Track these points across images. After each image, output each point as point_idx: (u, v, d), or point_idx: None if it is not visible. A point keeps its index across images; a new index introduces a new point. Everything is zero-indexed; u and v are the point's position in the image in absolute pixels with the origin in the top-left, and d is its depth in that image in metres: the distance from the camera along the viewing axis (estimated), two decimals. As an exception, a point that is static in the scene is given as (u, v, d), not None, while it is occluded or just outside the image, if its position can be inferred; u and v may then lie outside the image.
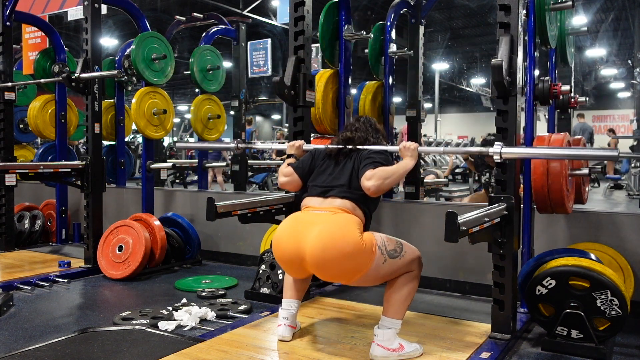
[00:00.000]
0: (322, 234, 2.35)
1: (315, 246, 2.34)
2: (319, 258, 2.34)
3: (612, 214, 3.38)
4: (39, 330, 2.96)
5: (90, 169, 4.30)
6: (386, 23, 4.30)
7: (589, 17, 13.88)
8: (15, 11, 4.98)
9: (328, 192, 2.56)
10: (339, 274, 2.40)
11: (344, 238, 2.32)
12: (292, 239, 2.43)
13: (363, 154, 2.62)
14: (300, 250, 2.39)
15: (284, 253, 2.47)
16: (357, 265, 2.35)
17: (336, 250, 2.31)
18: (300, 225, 2.46)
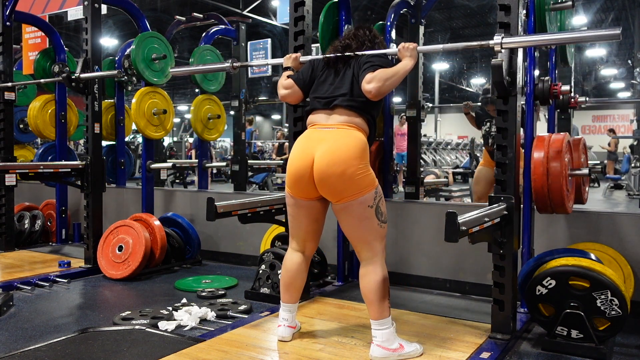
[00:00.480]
0: (329, 150, 2.41)
1: (321, 162, 2.40)
2: (323, 172, 2.39)
3: (612, 214, 3.38)
4: (39, 330, 2.96)
5: (90, 169, 4.30)
6: (386, 23, 4.29)
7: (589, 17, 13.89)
8: (15, 11, 4.98)
9: (331, 103, 2.55)
10: (336, 190, 2.41)
11: (348, 157, 2.38)
12: (303, 156, 2.47)
13: (362, 59, 2.59)
14: (309, 166, 2.44)
15: (294, 170, 2.50)
16: (353, 187, 2.39)
17: (339, 166, 2.37)
18: (310, 142, 2.49)
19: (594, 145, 14.92)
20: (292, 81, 2.76)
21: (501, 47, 2.53)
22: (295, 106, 3.39)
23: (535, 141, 3.04)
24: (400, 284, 3.92)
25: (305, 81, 2.73)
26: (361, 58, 2.60)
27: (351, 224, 2.47)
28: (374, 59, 2.57)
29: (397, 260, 3.98)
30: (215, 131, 5.44)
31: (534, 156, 2.96)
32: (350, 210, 2.43)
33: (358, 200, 2.40)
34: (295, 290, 2.69)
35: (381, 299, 2.43)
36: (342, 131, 2.48)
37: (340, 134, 2.47)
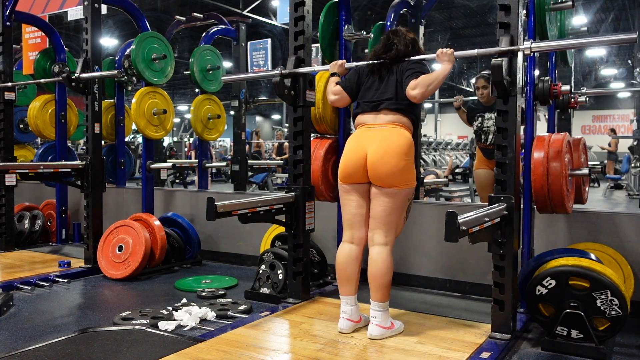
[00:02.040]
0: (382, 146, 2.68)
1: (375, 156, 2.67)
2: (376, 166, 2.66)
3: (612, 214, 3.38)
4: (39, 330, 2.96)
5: (90, 169, 4.30)
6: (386, 23, 4.28)
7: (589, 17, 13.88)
8: (15, 11, 4.98)
9: (379, 107, 2.81)
10: (386, 179, 2.67)
11: (398, 152, 2.66)
12: (359, 149, 2.73)
13: (403, 65, 2.84)
14: (364, 157, 2.70)
15: (349, 163, 2.75)
16: (401, 178, 2.67)
17: (390, 160, 2.65)
18: (364, 140, 2.75)
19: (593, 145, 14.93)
20: (340, 88, 3.01)
21: (530, 50, 2.64)
22: (295, 106, 3.40)
23: (535, 141, 3.04)
24: (401, 284, 3.92)
25: (352, 87, 2.98)
26: (402, 64, 2.84)
27: (387, 207, 2.70)
28: (415, 65, 2.82)
29: (397, 260, 3.96)
30: (215, 131, 5.44)
31: (534, 156, 2.96)
32: (394, 196, 2.69)
33: (404, 191, 2.71)
34: (348, 281, 2.78)
35: (388, 283, 2.69)
36: (391, 129, 2.74)
37: (390, 132, 2.73)
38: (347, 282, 2.79)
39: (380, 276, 2.67)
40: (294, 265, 3.36)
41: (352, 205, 2.82)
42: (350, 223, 2.83)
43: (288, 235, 3.41)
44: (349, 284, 2.78)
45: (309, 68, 3.35)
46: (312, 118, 3.69)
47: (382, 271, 2.68)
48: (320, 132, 3.90)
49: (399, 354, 2.50)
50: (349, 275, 2.78)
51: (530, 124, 3.13)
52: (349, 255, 2.80)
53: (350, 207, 2.83)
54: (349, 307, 2.78)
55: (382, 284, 2.67)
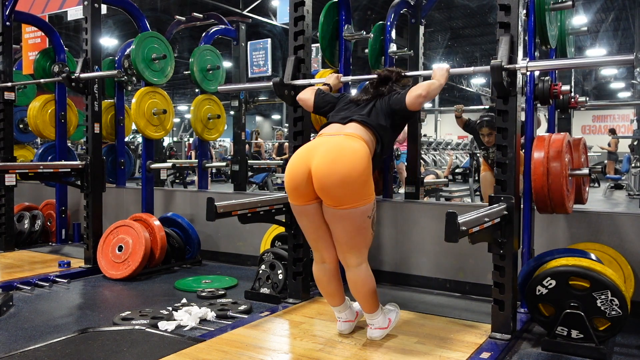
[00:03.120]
0: (334, 149, 2.45)
1: (324, 159, 2.41)
2: (324, 175, 2.39)
3: (612, 214, 3.38)
4: (39, 330, 2.96)
5: (90, 169, 4.30)
6: (386, 23, 4.29)
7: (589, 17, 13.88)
8: (15, 11, 4.98)
9: (347, 120, 2.66)
10: (337, 194, 2.40)
11: (352, 160, 2.40)
12: (303, 159, 2.49)
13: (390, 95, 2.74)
14: (308, 167, 2.45)
15: (292, 173, 2.50)
16: (356, 193, 2.41)
17: (342, 169, 2.37)
18: (313, 146, 2.54)
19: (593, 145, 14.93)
20: (314, 92, 2.96)
21: (527, 69, 2.64)
22: (295, 107, 3.39)
23: (535, 141, 3.03)
24: (401, 284, 3.92)
25: (323, 101, 2.92)
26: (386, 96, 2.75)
27: (348, 231, 2.50)
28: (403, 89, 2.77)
29: (397, 260, 3.98)
30: (215, 131, 5.44)
31: (534, 156, 2.96)
32: (350, 218, 2.46)
33: (360, 209, 2.45)
34: (332, 296, 2.72)
35: (373, 297, 2.63)
36: (347, 138, 2.53)
37: (344, 139, 2.52)
38: (331, 296, 2.73)
39: (363, 294, 2.61)
40: (294, 265, 3.36)
41: (309, 229, 2.64)
42: (315, 245, 2.70)
43: (288, 235, 3.41)
44: (335, 297, 2.73)
45: (305, 81, 3.31)
46: (312, 118, 3.69)
47: (364, 289, 2.60)
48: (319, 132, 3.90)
49: (399, 354, 2.50)
50: (332, 291, 2.71)
51: (531, 124, 3.13)
52: (324, 275, 2.71)
53: (307, 230, 2.66)
54: (342, 312, 2.76)
55: (368, 299, 2.62)
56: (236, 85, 4.72)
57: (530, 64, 2.63)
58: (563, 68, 2.82)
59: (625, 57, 2.45)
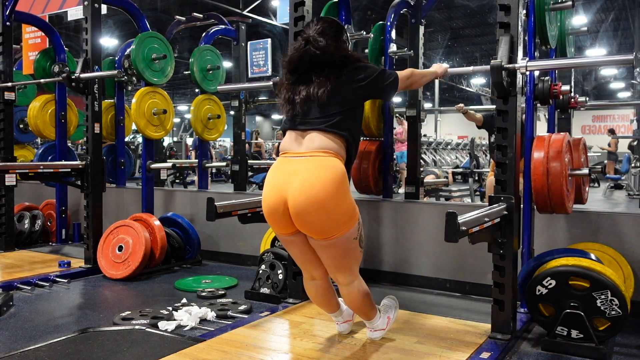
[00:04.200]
0: (306, 183, 2.21)
1: (298, 198, 2.21)
2: (301, 211, 2.21)
3: (612, 214, 3.38)
4: (39, 330, 2.96)
5: (90, 169, 4.30)
6: (386, 23, 4.29)
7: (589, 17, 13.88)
8: (15, 11, 4.98)
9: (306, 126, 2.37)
10: (319, 228, 2.25)
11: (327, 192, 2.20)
12: (277, 192, 2.28)
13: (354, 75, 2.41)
14: (284, 200, 2.25)
15: (270, 206, 2.31)
16: (339, 223, 2.26)
17: (320, 204, 2.19)
18: (283, 177, 2.29)
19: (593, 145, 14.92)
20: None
21: (526, 69, 2.64)
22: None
23: (535, 141, 3.04)
24: (401, 284, 3.92)
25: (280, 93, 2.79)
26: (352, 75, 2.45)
27: (336, 257, 2.38)
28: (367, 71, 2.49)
29: (397, 260, 3.98)
30: (215, 131, 5.44)
31: (534, 156, 2.96)
32: (336, 246, 2.32)
33: (345, 236, 2.30)
34: (326, 306, 2.67)
35: (369, 306, 2.58)
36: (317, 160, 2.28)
37: (314, 164, 2.26)
38: (326, 307, 2.68)
39: (359, 307, 2.56)
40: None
41: (295, 254, 2.51)
42: (303, 267, 2.57)
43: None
44: (329, 306, 2.67)
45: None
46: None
47: (359, 304, 2.53)
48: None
49: (399, 354, 2.50)
50: (325, 303, 2.65)
51: (530, 124, 3.13)
52: (316, 292, 2.60)
53: (294, 255, 2.53)
54: (338, 317, 2.74)
55: (364, 310, 2.57)
56: (236, 85, 4.73)
57: (530, 63, 2.63)
58: (563, 68, 2.82)
59: (625, 57, 2.46)
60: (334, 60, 2.40)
